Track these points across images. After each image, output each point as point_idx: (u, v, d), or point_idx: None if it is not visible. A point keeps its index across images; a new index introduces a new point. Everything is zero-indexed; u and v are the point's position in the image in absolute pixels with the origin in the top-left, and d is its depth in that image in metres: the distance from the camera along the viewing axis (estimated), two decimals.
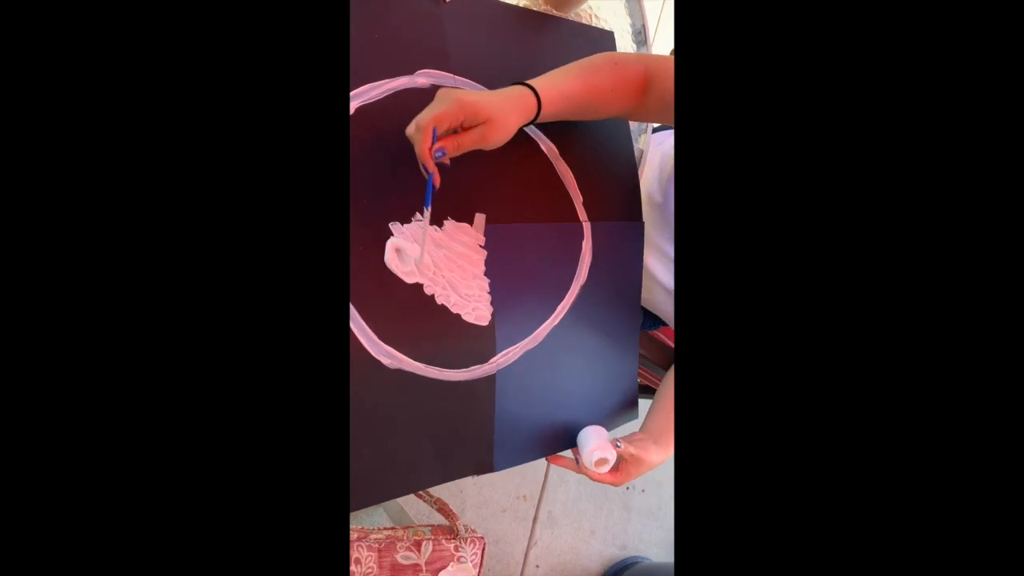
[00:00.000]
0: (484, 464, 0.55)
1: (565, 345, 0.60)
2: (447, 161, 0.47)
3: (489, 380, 0.55)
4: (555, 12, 0.63)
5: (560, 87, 0.51)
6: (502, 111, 0.46)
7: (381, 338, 0.49)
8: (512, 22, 0.60)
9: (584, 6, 0.64)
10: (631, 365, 0.65)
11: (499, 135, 0.47)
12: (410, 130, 0.45)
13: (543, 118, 0.51)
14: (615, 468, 0.56)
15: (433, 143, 0.44)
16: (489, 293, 0.55)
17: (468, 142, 0.46)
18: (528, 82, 0.50)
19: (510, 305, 0.56)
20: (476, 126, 0.46)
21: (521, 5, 0.61)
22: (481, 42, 0.58)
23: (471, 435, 0.54)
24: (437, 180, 0.45)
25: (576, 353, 0.60)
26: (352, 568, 0.63)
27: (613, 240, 0.63)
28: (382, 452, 0.49)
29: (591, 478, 0.56)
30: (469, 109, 0.45)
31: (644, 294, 0.66)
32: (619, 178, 0.65)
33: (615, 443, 0.55)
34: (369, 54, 0.51)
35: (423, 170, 0.45)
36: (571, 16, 0.64)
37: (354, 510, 0.47)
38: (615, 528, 1.39)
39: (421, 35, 0.54)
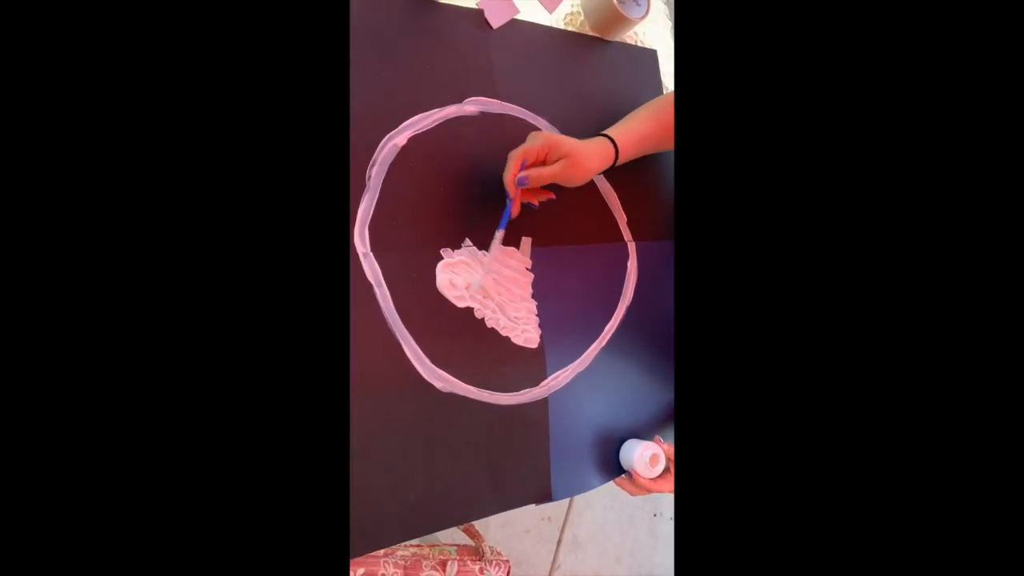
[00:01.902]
0: (543, 492, 0.54)
1: (614, 366, 0.59)
2: (535, 202, 0.51)
3: (541, 404, 0.54)
4: (601, 37, 0.64)
5: (635, 131, 0.56)
6: (582, 151, 0.51)
7: (434, 362, 0.49)
8: (556, 46, 0.61)
9: (630, 32, 0.65)
10: None
11: (578, 171, 0.51)
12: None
13: (622, 160, 0.56)
14: (668, 472, 0.56)
15: (520, 172, 0.49)
16: (537, 316, 0.55)
17: (548, 173, 0.50)
18: (605, 132, 0.56)
19: (558, 327, 0.56)
20: (557, 160, 0.50)
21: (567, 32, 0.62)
22: (527, 68, 0.58)
23: (528, 462, 0.53)
24: (516, 209, 0.50)
25: (625, 374, 0.60)
26: None
27: (658, 259, 0.63)
28: (437, 480, 0.48)
29: (649, 488, 0.56)
30: (552, 143, 0.50)
31: None
32: (663, 197, 0.65)
33: (658, 440, 0.57)
34: (419, 84, 0.52)
35: (506, 196, 0.50)
36: (616, 41, 0.65)
37: (409, 539, 0.46)
38: (641, 556, 1.36)
39: (469, 63, 0.55)
